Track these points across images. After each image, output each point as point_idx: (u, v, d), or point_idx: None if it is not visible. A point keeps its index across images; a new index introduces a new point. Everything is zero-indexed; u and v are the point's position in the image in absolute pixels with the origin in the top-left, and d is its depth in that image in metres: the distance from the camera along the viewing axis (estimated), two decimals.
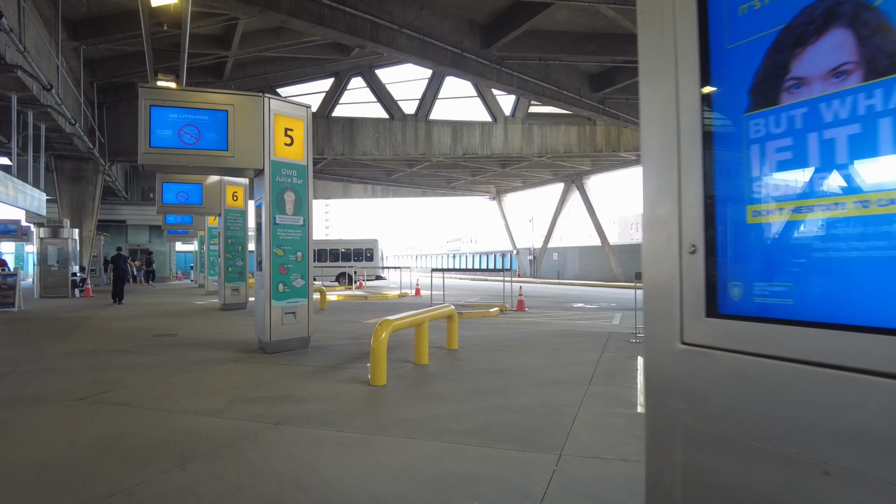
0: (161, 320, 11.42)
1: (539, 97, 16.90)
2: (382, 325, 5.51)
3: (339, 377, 5.81)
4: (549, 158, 28.45)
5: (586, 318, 13.36)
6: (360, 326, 10.33)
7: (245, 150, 7.09)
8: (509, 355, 7.19)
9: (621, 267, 30.91)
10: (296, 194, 7.50)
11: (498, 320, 12.44)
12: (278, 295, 7.27)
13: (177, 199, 13.56)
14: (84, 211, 22.68)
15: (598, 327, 11.35)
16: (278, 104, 7.34)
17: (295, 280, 7.47)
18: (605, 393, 5.15)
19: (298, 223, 7.54)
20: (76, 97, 17.87)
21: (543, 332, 9.60)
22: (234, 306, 13.86)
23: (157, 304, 15.62)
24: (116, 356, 7.04)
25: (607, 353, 7.28)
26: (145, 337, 8.85)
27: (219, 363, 6.57)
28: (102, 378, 5.70)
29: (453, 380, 5.70)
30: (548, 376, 5.90)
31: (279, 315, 7.28)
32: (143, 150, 6.69)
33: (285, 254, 7.37)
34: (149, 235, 34.23)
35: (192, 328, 10.07)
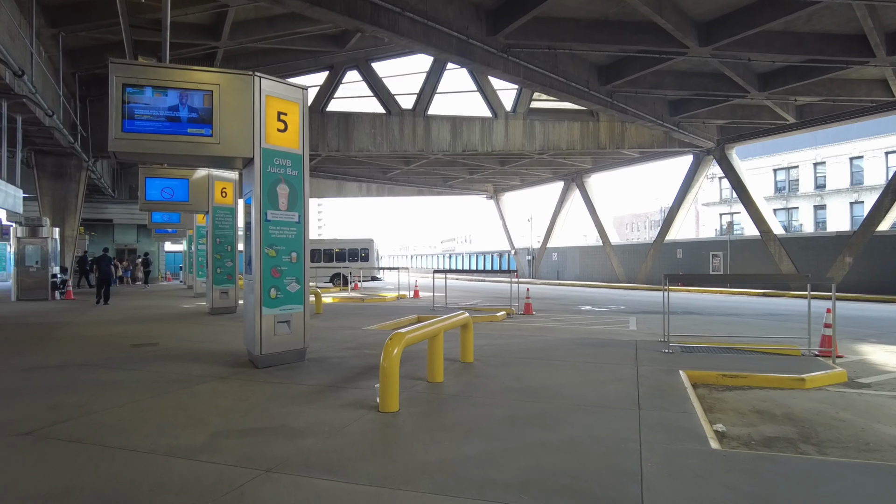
0: (143, 326, 10.50)
1: (546, 89, 16.06)
2: (394, 339, 4.65)
3: (341, 400, 4.94)
4: (549, 156, 27.64)
5: (600, 322, 12.56)
6: (361, 334, 9.45)
7: (232, 137, 6.20)
8: (534, 370, 6.34)
9: (623, 267, 30.18)
10: (290, 187, 6.62)
11: (507, 325, 11.61)
12: (270, 301, 6.39)
13: (161, 196, 12.61)
14: (66, 209, 21.64)
15: (616, 333, 10.54)
16: (271, 85, 6.45)
17: (289, 284, 6.59)
18: (663, 421, 4.32)
19: (293, 220, 6.66)
20: (55, 88, 16.86)
21: (563, 341, 8.76)
22: (223, 310, 12.94)
23: (141, 308, 14.67)
24: (85, 372, 6.13)
25: (643, 367, 6.45)
26: (122, 347, 7.93)
27: (202, 381, 5.68)
28: (62, 402, 4.80)
29: (477, 403, 4.85)
30: (587, 398, 5.06)
31: (271, 324, 6.40)
32: (113, 135, 5.79)
33: (278, 255, 6.49)
34: (136, 235, 33.15)
35: (175, 336, 9.15)
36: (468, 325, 6.63)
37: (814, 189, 39.40)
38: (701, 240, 29.60)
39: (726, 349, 8.08)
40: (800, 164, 40.19)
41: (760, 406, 5.28)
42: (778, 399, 5.52)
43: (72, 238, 21.71)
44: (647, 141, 25.13)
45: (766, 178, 42.27)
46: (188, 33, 17.03)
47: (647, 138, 25.08)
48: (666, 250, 28.03)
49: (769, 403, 5.36)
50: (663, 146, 25.39)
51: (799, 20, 13.68)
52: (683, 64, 17.15)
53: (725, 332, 10.63)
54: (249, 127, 6.26)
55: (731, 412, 5.10)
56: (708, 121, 22.35)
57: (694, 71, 17.96)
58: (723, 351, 7.93)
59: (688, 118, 21.88)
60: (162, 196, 12.55)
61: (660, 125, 20.86)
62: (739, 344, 8.70)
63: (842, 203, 37.55)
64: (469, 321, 6.57)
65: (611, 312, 14.91)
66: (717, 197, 45.84)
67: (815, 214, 39.27)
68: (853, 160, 37.02)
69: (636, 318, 13.28)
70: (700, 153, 26.09)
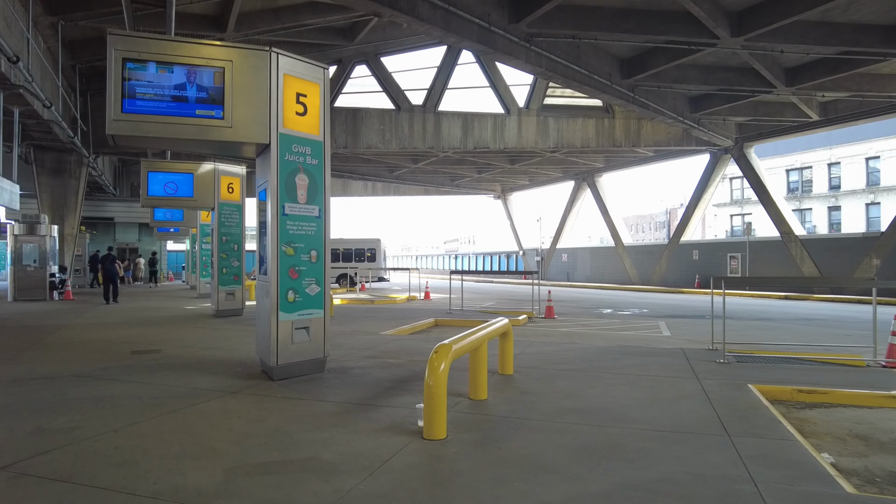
0: (143, 330, 9.79)
1: (569, 81, 15.35)
2: (440, 352, 3.93)
3: (375, 422, 4.23)
4: (562, 154, 26.96)
5: (628, 327, 11.83)
6: (379, 340, 8.74)
7: (246, 120, 5.49)
8: (584, 384, 5.62)
9: (636, 269, 29.44)
10: (310, 177, 5.91)
11: (532, 330, 10.89)
12: (287, 305, 5.68)
13: (164, 191, 11.90)
14: (66, 207, 20.96)
15: (653, 340, 9.82)
16: (289, 62, 5.75)
17: (308, 286, 5.88)
18: (764, 452, 3.60)
19: (313, 214, 5.95)
20: (54, 80, 16.19)
21: (601, 350, 8.04)
22: (229, 312, 12.24)
23: (142, 309, 13.97)
24: (78, 385, 5.42)
25: (706, 381, 5.73)
26: (121, 354, 7.23)
27: (211, 397, 4.97)
28: (49, 425, 4.09)
29: (536, 428, 4.13)
30: (660, 421, 4.34)
31: (288, 331, 5.69)
32: (112, 117, 5.09)
33: (296, 253, 5.78)
34: (138, 234, 32.48)
35: (179, 341, 8.44)
36: (508, 333, 5.91)
37: (828, 190, 38.63)
38: (718, 241, 28.87)
39: (784, 359, 7.37)
40: (813, 165, 39.42)
41: (858, 430, 4.55)
42: (874, 421, 4.80)
43: (71, 236, 21.04)
44: (663, 139, 24.41)
45: (779, 178, 41.46)
46: (192, 24, 16.32)
47: (664, 136, 24.35)
48: (681, 251, 27.29)
49: (867, 427, 4.64)
50: (680, 144, 24.67)
51: (836, 9, 12.97)
52: (709, 57, 16.43)
53: (768, 338, 9.90)
54: (265, 109, 5.56)
55: (827, 437, 4.38)
56: (728, 118, 21.62)
57: (719, 65, 17.24)
58: (781, 361, 7.21)
59: (708, 115, 21.15)
60: (165, 191, 11.85)
61: (680, 122, 20.14)
62: (796, 353, 7.99)
63: (857, 204, 36.77)
64: (509, 328, 5.85)
65: (635, 316, 14.19)
66: (727, 198, 45.04)
67: (830, 216, 38.49)
68: (869, 160, 36.25)
69: (665, 323, 12.55)
70: (718, 152, 25.35)
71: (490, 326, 5.24)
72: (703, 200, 26.97)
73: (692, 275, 26.49)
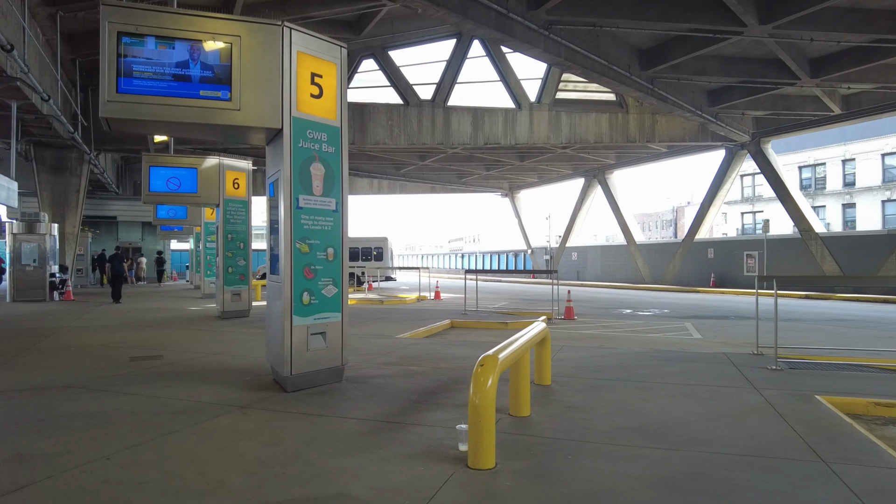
0: (144, 333, 9.24)
1: (587, 72, 14.75)
2: (487, 365, 3.35)
3: (408, 445, 3.65)
4: (573, 150, 26.37)
5: (654, 329, 11.23)
6: (396, 344, 8.17)
7: (256, 102, 4.93)
8: (632, 396, 5.04)
9: (649, 267, 28.81)
10: (326, 167, 5.34)
11: (554, 333, 10.26)
12: (302, 308, 5.10)
13: (167, 187, 11.34)
14: (67, 205, 20.45)
15: (686, 344, 9.23)
16: (304, 39, 5.17)
17: (325, 287, 5.30)
18: (877, 484, 3.02)
19: (329, 207, 5.38)
20: (52, 73, 15.67)
21: (638, 355, 7.44)
22: (235, 314, 11.69)
23: (144, 310, 13.44)
24: (69, 398, 4.86)
25: (766, 392, 5.14)
26: (119, 360, 6.67)
27: (217, 412, 4.40)
28: (30, 449, 3.53)
29: (597, 453, 3.55)
30: (737, 442, 3.75)
31: (303, 337, 5.12)
32: (106, 97, 4.53)
33: (312, 250, 5.20)
34: (141, 233, 31.98)
35: (181, 346, 7.89)
36: (546, 339, 5.33)
37: (842, 187, 37.88)
38: (734, 239, 28.19)
39: (841, 366, 6.78)
40: (827, 161, 38.68)
41: None
42: None
43: (72, 235, 20.52)
44: (678, 134, 23.77)
45: (791, 175, 40.61)
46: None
47: (679, 131, 23.72)
48: (695, 250, 26.65)
49: None
50: (695, 140, 24.02)
51: None
52: (730, 48, 15.80)
53: (808, 341, 9.28)
54: (277, 90, 4.99)
55: None
56: (747, 112, 20.98)
57: (740, 56, 16.61)
58: (838, 368, 6.62)
59: (726, 109, 20.51)
60: (168, 187, 11.29)
61: (698, 116, 19.51)
62: (849, 358, 7.39)
63: (873, 201, 36.03)
64: (547, 334, 5.26)
65: (657, 317, 13.58)
66: (738, 195, 44.30)
67: (844, 213, 37.76)
68: (885, 156, 35.50)
69: (691, 324, 11.95)
70: (734, 147, 24.70)
71: (530, 331, 4.65)
72: (718, 197, 26.33)
73: (707, 273, 25.86)
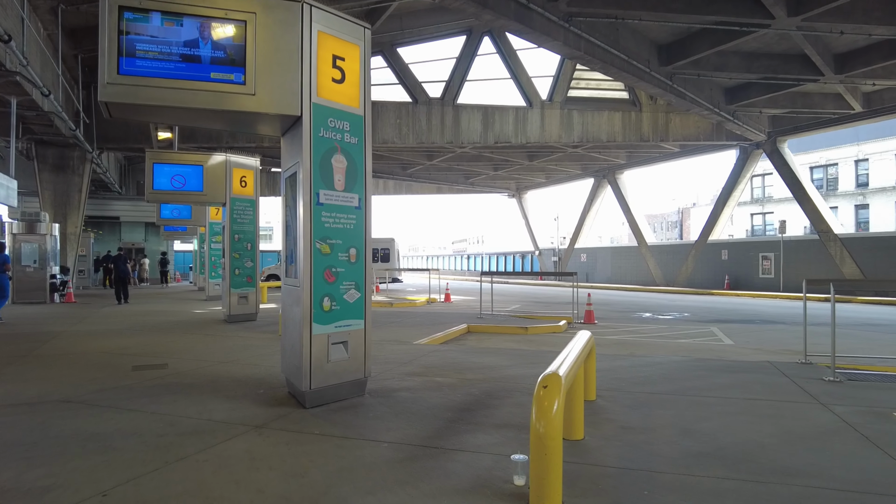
0: (148, 338, 8.76)
1: (606, 67, 14.25)
2: (552, 386, 2.84)
3: (453, 477, 3.15)
4: (584, 150, 25.87)
5: (681, 334, 10.70)
6: (415, 351, 7.67)
7: (273, 86, 4.43)
8: (689, 413, 4.53)
9: (661, 269, 28.27)
10: (348, 159, 4.85)
11: None
12: (323, 315, 4.61)
13: (171, 185, 10.87)
14: (69, 204, 20.01)
15: (721, 350, 8.70)
16: (325, 17, 4.68)
17: (347, 292, 4.81)
18: None
19: (352, 204, 4.89)
20: (54, 69, 15.23)
21: (678, 364, 6.92)
22: (242, 317, 11.21)
23: (148, 313, 12.96)
24: (65, 415, 4.37)
25: (837, 408, 4.63)
26: (121, 370, 6.18)
27: (231, 433, 3.91)
28: (17, 482, 3.04)
29: (677, 487, 3.04)
30: (834, 473, 3.24)
31: (324, 347, 4.62)
32: (105, 79, 4.04)
33: (333, 251, 4.71)
34: (144, 233, 31.54)
35: (187, 353, 7.40)
36: (593, 351, 4.82)
37: (855, 188, 37.28)
38: (749, 240, 27.60)
39: None
40: (839, 162, 38.09)
41: None
42: None
43: (74, 236, 20.07)
44: (692, 133, 23.24)
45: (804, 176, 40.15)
46: None
47: (693, 130, 23.19)
48: (709, 251, 26.10)
49: None
50: (710, 139, 23.49)
51: None
52: (752, 43, 15.28)
53: (852, 348, 8.75)
54: (296, 73, 4.50)
55: None
56: (764, 110, 20.44)
57: (762, 51, 16.09)
58: None
59: (743, 107, 19.98)
60: (172, 185, 10.81)
61: (715, 113, 18.97)
62: None
63: (887, 202, 35.42)
64: (594, 344, 4.76)
65: (680, 321, 13.05)
66: (748, 196, 43.71)
67: (857, 214, 37.15)
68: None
69: (718, 329, 11.42)
70: (749, 147, 24.16)
71: (579, 342, 4.14)
72: (732, 198, 25.77)
73: (720, 275, 25.31)
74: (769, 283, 23.48)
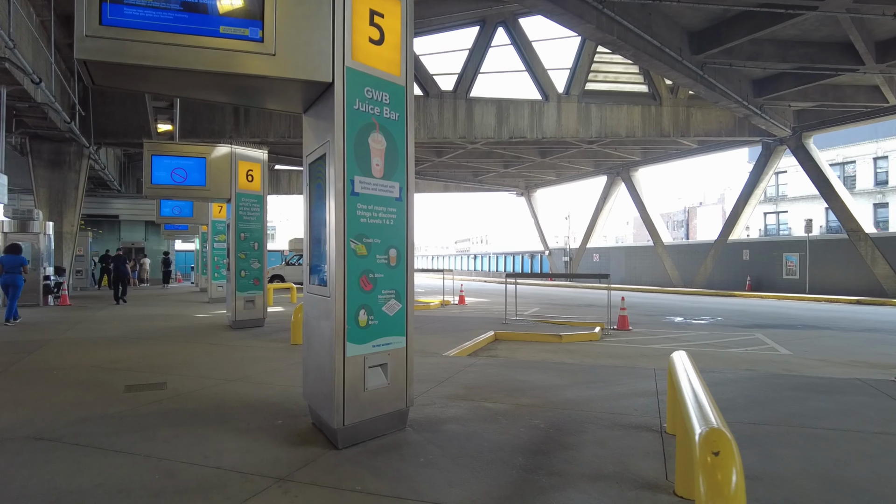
0: (146, 347, 7.86)
1: (638, 53, 13.32)
2: (724, 451, 1.94)
3: None
4: (599, 146, 24.97)
5: (726, 341, 9.77)
6: (448, 365, 6.75)
7: (296, 45, 3.52)
8: (815, 453, 3.61)
9: (678, 270, 27.34)
10: (388, 139, 3.94)
11: (619, 349, 8.85)
12: (358, 332, 3.70)
13: (172, 179, 9.96)
14: (65, 202, 19.12)
15: (785, 363, 7.77)
16: None
17: (387, 302, 3.90)
18: None
19: (392, 194, 3.97)
20: (47, 58, 14.33)
21: (758, 383, 5.99)
22: (248, 323, 10.31)
23: (147, 317, 12.06)
24: (34, 459, 3.46)
25: None
26: (112, 390, 5.28)
27: (246, 493, 3.00)
28: None
29: None
30: None
31: (359, 371, 3.71)
32: (84, 31, 3.12)
33: (370, 252, 3.80)
34: (144, 232, 30.67)
35: (190, 368, 6.49)
36: None
37: (873, 185, 36.30)
38: (772, 239, 26.59)
39: None
40: (857, 159, 37.10)
41: None
42: None
43: (71, 235, 19.17)
44: (713, 128, 22.31)
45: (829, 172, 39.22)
46: None
47: (715, 125, 22.26)
48: (729, 251, 25.16)
49: None
50: (732, 134, 22.56)
51: None
52: (790, 30, 14.35)
53: None
54: (326, 30, 3.59)
55: None
56: (793, 103, 19.48)
57: (798, 39, 15.15)
58: None
59: (771, 100, 19.03)
60: (172, 179, 9.90)
61: (743, 107, 18.02)
62: None
63: None
64: None
65: (718, 326, 12.12)
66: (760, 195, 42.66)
67: (876, 213, 36.16)
68: None
69: (765, 336, 10.50)
70: (773, 143, 23.20)
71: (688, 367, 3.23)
72: (754, 195, 24.83)
73: (740, 276, 24.38)
74: (793, 285, 22.54)
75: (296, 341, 8.32)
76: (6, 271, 10.60)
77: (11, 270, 10.64)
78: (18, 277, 10.78)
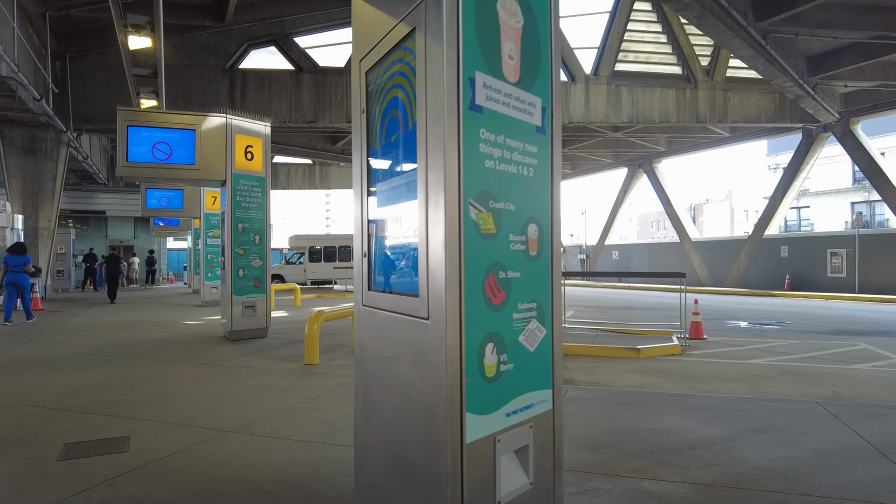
0: (114, 371, 5.95)
1: (703, 15, 11.48)
2: None
3: None
4: (624, 134, 23.15)
5: (838, 356, 7.86)
6: None
7: None
8: None
9: (707, 268, 25.52)
10: (526, 13, 2.05)
11: (712, 368, 6.94)
12: (484, 390, 1.82)
13: (153, 156, 7.98)
14: (42, 194, 17.15)
15: None
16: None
17: (526, 325, 2.02)
18: None
19: (532, 118, 2.09)
20: (11, 25, 12.36)
21: None
22: (247, 334, 8.40)
23: (128, 325, 10.15)
24: None
25: None
26: (39, 456, 3.39)
27: None
28: None
29: None
30: None
31: (487, 466, 1.83)
32: None
33: (501, 228, 1.92)
34: (133, 229, 28.70)
35: (167, 408, 4.59)
36: None
37: None
38: (815, 234, 24.67)
39: None
40: (886, 151, 35.34)
41: None
42: None
43: (48, 230, 17.21)
44: (752, 114, 20.47)
45: (843, 167, 37.57)
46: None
47: (754, 111, 20.43)
48: (764, 247, 23.34)
49: None
50: (772, 120, 20.72)
51: None
52: None
53: None
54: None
55: None
56: (850, 83, 17.63)
57: (874, 4, 13.31)
58: None
59: (826, 79, 17.21)
60: (154, 156, 7.94)
61: (798, 86, 16.17)
62: None
63: None
64: None
65: (796, 332, 10.25)
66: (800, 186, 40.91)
67: None
68: None
69: (868, 343, 8.66)
70: (816, 129, 21.37)
71: None
72: (793, 187, 22.99)
73: (777, 274, 22.56)
74: (840, 283, 20.72)
75: (310, 360, 6.44)
76: (10, 270, 10.59)
77: (16, 269, 10.66)
78: (24, 276, 10.82)
